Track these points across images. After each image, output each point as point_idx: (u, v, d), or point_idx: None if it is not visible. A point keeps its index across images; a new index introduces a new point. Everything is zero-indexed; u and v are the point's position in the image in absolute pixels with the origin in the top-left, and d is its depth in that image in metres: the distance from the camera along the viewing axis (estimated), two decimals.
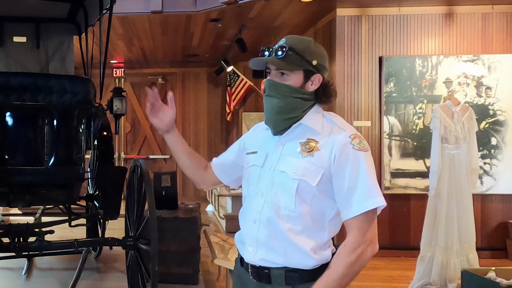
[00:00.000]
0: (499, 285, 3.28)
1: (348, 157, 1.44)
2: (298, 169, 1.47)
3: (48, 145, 3.51)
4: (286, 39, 1.55)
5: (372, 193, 1.42)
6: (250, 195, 1.61)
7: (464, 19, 5.58)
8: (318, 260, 1.48)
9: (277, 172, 1.52)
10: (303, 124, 1.54)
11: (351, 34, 5.67)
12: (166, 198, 4.51)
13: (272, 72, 1.55)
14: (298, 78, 1.52)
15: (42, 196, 3.79)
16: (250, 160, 1.63)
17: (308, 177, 1.46)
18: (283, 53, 1.50)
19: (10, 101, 3.50)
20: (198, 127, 10.26)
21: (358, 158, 1.44)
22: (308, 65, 1.51)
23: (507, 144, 5.45)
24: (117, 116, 4.18)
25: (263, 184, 1.55)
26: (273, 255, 1.50)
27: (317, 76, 1.53)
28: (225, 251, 3.78)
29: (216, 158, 1.83)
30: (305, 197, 1.47)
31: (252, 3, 5.50)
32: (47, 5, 4.24)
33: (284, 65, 1.51)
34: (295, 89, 1.52)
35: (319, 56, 1.54)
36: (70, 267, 4.48)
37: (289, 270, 1.49)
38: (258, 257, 1.53)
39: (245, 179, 1.66)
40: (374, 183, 1.44)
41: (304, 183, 1.46)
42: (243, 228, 1.62)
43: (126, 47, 8.21)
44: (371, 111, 5.64)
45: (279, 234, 1.49)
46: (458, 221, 4.14)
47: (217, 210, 7.71)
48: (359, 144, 1.46)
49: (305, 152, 1.49)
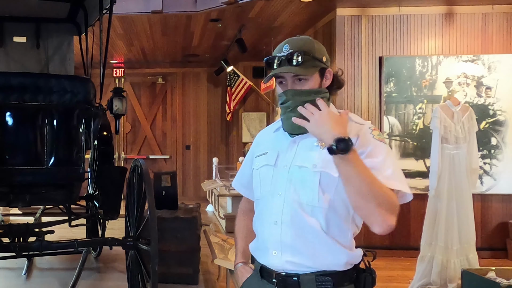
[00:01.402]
0: (499, 285, 3.28)
1: (369, 143, 1.41)
2: (318, 162, 1.42)
3: (48, 145, 3.51)
4: (290, 44, 1.50)
5: (399, 178, 1.38)
6: (265, 196, 1.54)
7: (464, 19, 5.58)
8: (349, 257, 1.43)
9: (295, 168, 1.47)
10: None
11: (351, 34, 5.66)
12: (166, 198, 4.51)
13: (288, 80, 1.49)
14: (315, 80, 1.49)
15: (42, 196, 3.79)
16: (261, 161, 1.58)
17: (329, 168, 1.39)
18: (301, 60, 1.45)
19: (10, 101, 3.50)
20: (198, 127, 10.26)
21: (379, 145, 1.42)
22: (321, 64, 1.50)
23: (507, 144, 5.44)
24: (117, 116, 4.18)
25: (279, 183, 1.49)
26: (300, 257, 1.42)
27: (329, 71, 1.52)
28: (225, 251, 3.77)
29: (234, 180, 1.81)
30: (328, 189, 1.41)
31: (252, 3, 5.50)
32: (47, 5, 4.24)
33: (303, 71, 1.46)
34: (317, 91, 1.48)
35: (324, 51, 1.53)
36: (70, 267, 4.48)
37: (320, 275, 1.41)
38: (284, 260, 1.44)
39: (257, 180, 1.59)
40: (399, 170, 1.40)
41: (326, 174, 1.41)
42: (261, 233, 1.54)
43: (126, 47, 8.21)
44: (371, 111, 5.64)
45: (305, 232, 1.42)
46: (458, 221, 4.14)
47: (217, 210, 7.71)
48: (379, 135, 1.45)
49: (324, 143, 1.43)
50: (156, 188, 4.35)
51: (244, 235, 1.70)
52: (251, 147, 1.72)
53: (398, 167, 1.41)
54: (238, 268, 1.70)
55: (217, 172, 8.79)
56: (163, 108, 10.27)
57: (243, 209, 1.77)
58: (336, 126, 1.33)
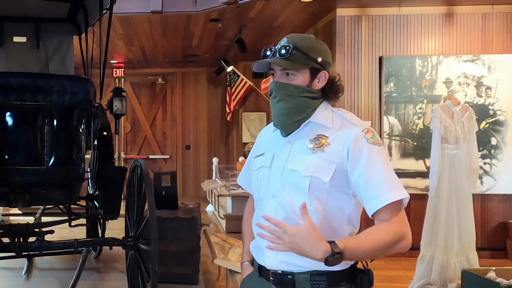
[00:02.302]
0: (499, 285, 3.28)
1: (362, 151, 1.39)
2: (309, 166, 1.42)
3: (48, 145, 3.51)
4: (288, 38, 1.51)
5: (392, 185, 1.37)
6: (262, 198, 1.56)
7: (464, 19, 5.58)
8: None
9: (287, 171, 1.47)
10: (312, 122, 1.50)
11: (351, 34, 5.67)
12: (166, 198, 4.51)
13: (277, 73, 1.51)
14: (304, 77, 1.48)
15: (42, 196, 3.79)
16: (258, 162, 1.60)
17: (320, 173, 1.41)
18: (287, 53, 1.45)
19: (10, 101, 3.49)
20: (198, 127, 10.26)
21: (373, 151, 1.39)
22: (313, 63, 1.48)
23: (507, 144, 5.45)
24: (117, 116, 4.18)
25: (273, 185, 1.50)
26: (294, 258, 1.40)
27: (323, 73, 1.50)
28: (225, 251, 3.77)
29: (239, 176, 1.82)
30: (319, 194, 1.42)
31: (252, 3, 5.51)
32: (47, 5, 4.24)
33: (290, 65, 1.46)
34: (303, 89, 1.48)
35: (323, 52, 1.50)
36: (70, 267, 4.48)
37: (314, 274, 1.42)
38: (278, 260, 1.46)
39: (255, 182, 1.60)
40: (392, 175, 1.39)
41: (316, 179, 1.41)
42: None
43: (126, 47, 8.21)
44: (371, 111, 5.65)
45: None
46: (458, 221, 4.14)
47: (217, 210, 7.70)
48: (373, 138, 1.42)
49: (316, 148, 1.44)
50: (156, 188, 4.35)
51: (250, 233, 1.70)
52: (254, 145, 1.74)
53: (391, 169, 1.41)
54: (243, 266, 1.71)
55: (217, 172, 8.78)
56: (163, 108, 10.27)
57: (250, 206, 1.77)
58: (312, 248, 1.29)
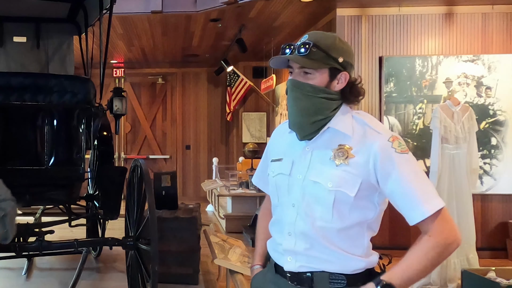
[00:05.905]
0: (499, 285, 3.28)
1: (392, 163, 1.34)
2: (333, 180, 1.36)
3: (48, 145, 3.51)
4: (309, 35, 1.43)
5: (428, 196, 1.32)
6: (282, 205, 1.50)
7: (464, 19, 5.58)
8: (364, 263, 1.40)
9: (309, 182, 1.41)
10: (331, 128, 1.43)
11: (351, 34, 5.66)
12: (166, 198, 4.51)
13: (294, 71, 1.43)
14: (323, 77, 1.40)
15: (42, 196, 3.79)
16: (276, 168, 1.52)
17: (345, 187, 1.35)
18: (307, 50, 1.37)
19: (10, 101, 3.50)
20: (198, 127, 10.26)
21: (403, 162, 1.34)
22: (334, 63, 1.39)
23: (507, 144, 5.44)
24: (117, 116, 4.18)
25: (293, 194, 1.44)
26: (316, 263, 1.40)
27: (344, 74, 1.42)
28: (225, 251, 3.77)
29: (254, 176, 1.77)
30: (343, 208, 1.37)
31: (252, 3, 5.50)
32: (47, 5, 4.24)
33: (308, 63, 1.38)
34: (320, 89, 1.40)
35: (345, 52, 1.42)
36: (70, 267, 4.48)
37: (333, 273, 1.40)
38: (298, 265, 1.43)
39: (273, 188, 1.54)
40: (426, 184, 1.35)
41: (341, 194, 1.36)
42: (277, 239, 1.51)
43: (126, 47, 8.21)
44: (371, 111, 5.64)
45: (318, 245, 1.40)
46: (458, 221, 4.13)
47: (217, 210, 7.70)
48: (399, 146, 1.36)
49: (340, 160, 1.38)
50: (156, 188, 4.35)
51: (264, 237, 1.66)
52: (269, 142, 1.67)
53: (426, 177, 1.37)
54: (253, 270, 1.68)
55: (217, 172, 8.79)
56: (163, 108, 10.27)
57: (266, 208, 1.71)
58: None
